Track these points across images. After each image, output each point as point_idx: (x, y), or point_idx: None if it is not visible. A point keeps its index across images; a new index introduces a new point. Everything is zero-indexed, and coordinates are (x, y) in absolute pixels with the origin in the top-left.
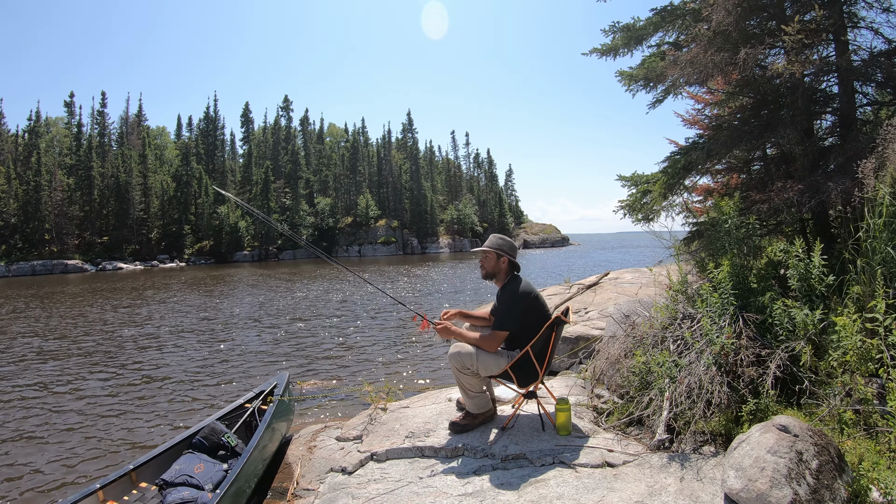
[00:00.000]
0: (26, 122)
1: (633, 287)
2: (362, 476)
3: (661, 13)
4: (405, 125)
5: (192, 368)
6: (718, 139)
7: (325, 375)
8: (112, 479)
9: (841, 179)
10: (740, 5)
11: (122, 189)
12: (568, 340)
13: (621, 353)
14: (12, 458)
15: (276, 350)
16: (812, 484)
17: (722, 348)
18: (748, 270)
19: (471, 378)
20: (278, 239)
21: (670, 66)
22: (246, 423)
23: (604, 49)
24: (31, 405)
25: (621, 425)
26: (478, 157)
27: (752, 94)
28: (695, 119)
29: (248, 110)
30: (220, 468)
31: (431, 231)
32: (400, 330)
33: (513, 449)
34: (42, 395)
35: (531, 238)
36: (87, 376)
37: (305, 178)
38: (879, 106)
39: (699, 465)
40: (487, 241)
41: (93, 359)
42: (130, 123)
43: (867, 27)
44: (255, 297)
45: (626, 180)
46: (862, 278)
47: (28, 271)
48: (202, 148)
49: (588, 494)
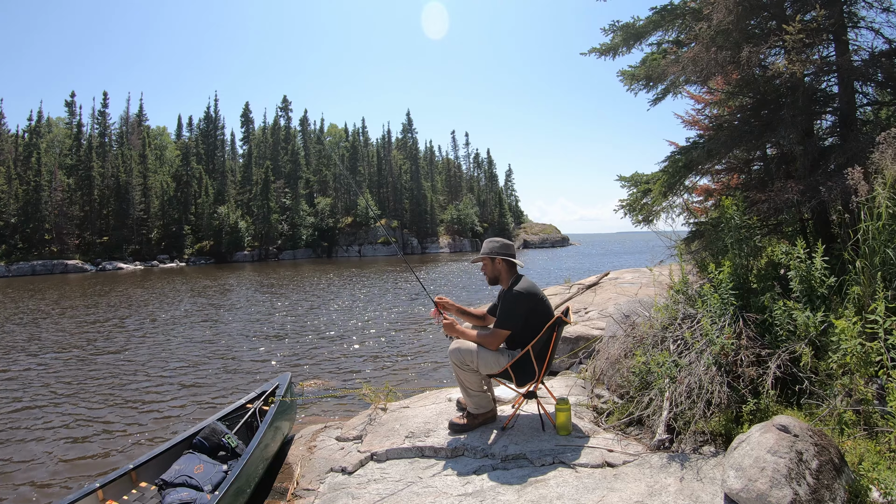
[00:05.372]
0: (26, 122)
1: (633, 287)
2: (362, 476)
3: (661, 12)
4: (405, 125)
5: (194, 369)
6: (718, 139)
7: (326, 375)
8: (112, 478)
9: (841, 180)
10: (741, 4)
11: (123, 189)
12: (568, 340)
13: (621, 353)
14: (12, 458)
15: (277, 350)
16: (812, 484)
17: (722, 348)
18: (748, 271)
19: (471, 375)
20: (278, 239)
21: (672, 65)
22: (247, 424)
23: (603, 49)
24: (30, 405)
25: (621, 425)
26: (478, 157)
27: (753, 93)
28: (694, 119)
29: (248, 110)
30: (220, 469)
31: (431, 231)
32: (400, 330)
33: (513, 449)
34: (42, 394)
35: (531, 238)
36: (87, 376)
37: (305, 178)
38: (879, 106)
39: (699, 465)
40: (481, 250)
41: (93, 358)
42: (131, 123)
43: (867, 27)
44: (255, 297)
45: (626, 180)
46: (862, 279)
47: (28, 271)
48: (202, 148)
49: (588, 494)
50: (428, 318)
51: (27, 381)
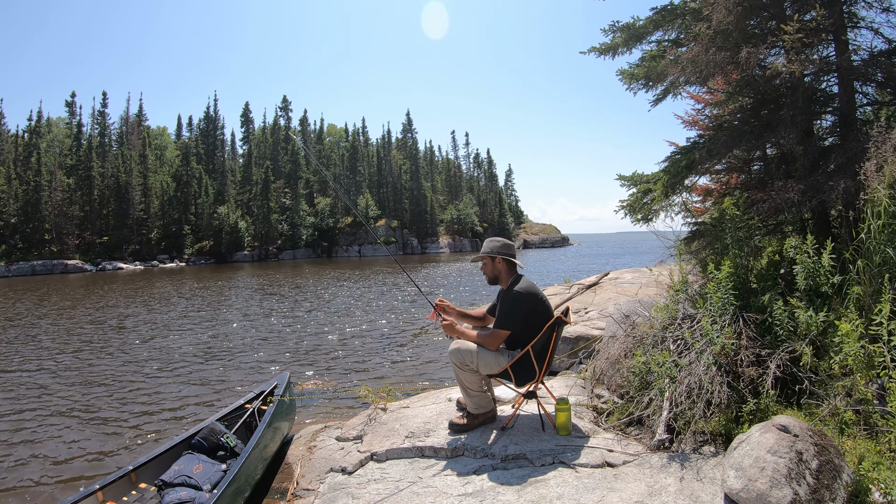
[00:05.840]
0: (26, 122)
1: (633, 287)
2: (362, 476)
3: (661, 12)
4: (405, 125)
5: (193, 369)
6: (718, 139)
7: (326, 375)
8: (112, 479)
9: (841, 179)
10: (740, 4)
11: (122, 189)
12: (568, 340)
13: (621, 353)
14: (12, 459)
15: (276, 350)
16: (812, 484)
17: (722, 348)
18: (748, 271)
19: (470, 375)
20: (278, 239)
21: (671, 65)
22: (246, 424)
23: (603, 48)
24: (30, 406)
25: (621, 425)
26: (478, 157)
27: (752, 94)
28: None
29: (248, 110)
30: (219, 468)
31: (431, 231)
32: (400, 330)
33: (513, 449)
34: (41, 395)
35: (531, 238)
36: (86, 376)
37: (305, 178)
38: (879, 106)
39: (699, 465)
40: (481, 249)
41: (92, 358)
42: (131, 123)
43: (867, 27)
44: (255, 297)
45: (627, 180)
46: (863, 279)
47: (28, 271)
48: (202, 148)
49: (588, 494)
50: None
51: (27, 381)
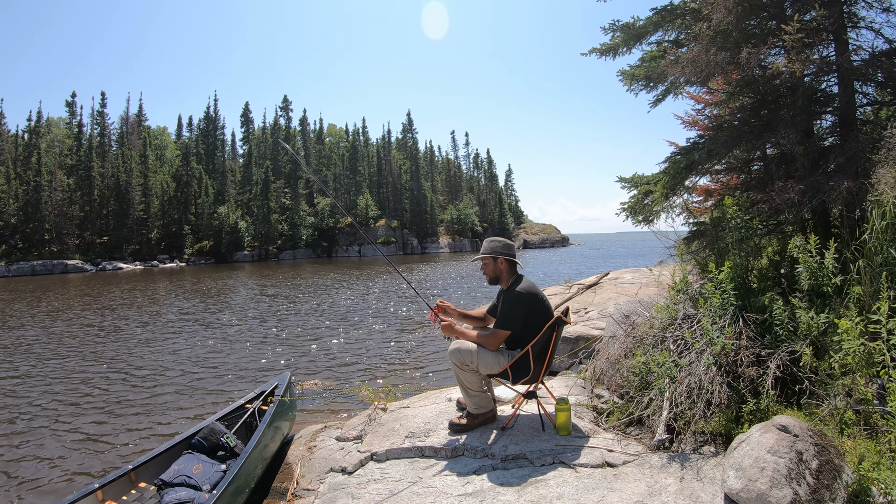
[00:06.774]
0: (26, 122)
1: (633, 287)
2: (362, 476)
3: (661, 12)
4: (405, 125)
5: (193, 369)
6: (719, 139)
7: (326, 375)
8: (111, 479)
9: (842, 179)
10: (740, 4)
11: (123, 189)
12: (568, 340)
13: (621, 353)
14: (11, 458)
15: (277, 350)
16: (812, 484)
17: (722, 348)
18: (748, 271)
19: (470, 375)
20: (278, 239)
21: (671, 66)
22: (246, 424)
23: (603, 49)
24: (30, 406)
25: (621, 425)
26: (478, 157)
27: (752, 94)
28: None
29: (248, 110)
30: (219, 468)
31: (431, 231)
32: (400, 330)
33: (513, 449)
34: (42, 395)
35: (531, 238)
36: (86, 376)
37: (305, 179)
38: (879, 106)
39: (699, 465)
40: (482, 248)
41: (92, 358)
42: (131, 123)
43: (867, 27)
44: (255, 297)
45: (627, 182)
46: (864, 279)
47: (28, 271)
48: (202, 148)
49: (588, 494)
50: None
51: (26, 381)
